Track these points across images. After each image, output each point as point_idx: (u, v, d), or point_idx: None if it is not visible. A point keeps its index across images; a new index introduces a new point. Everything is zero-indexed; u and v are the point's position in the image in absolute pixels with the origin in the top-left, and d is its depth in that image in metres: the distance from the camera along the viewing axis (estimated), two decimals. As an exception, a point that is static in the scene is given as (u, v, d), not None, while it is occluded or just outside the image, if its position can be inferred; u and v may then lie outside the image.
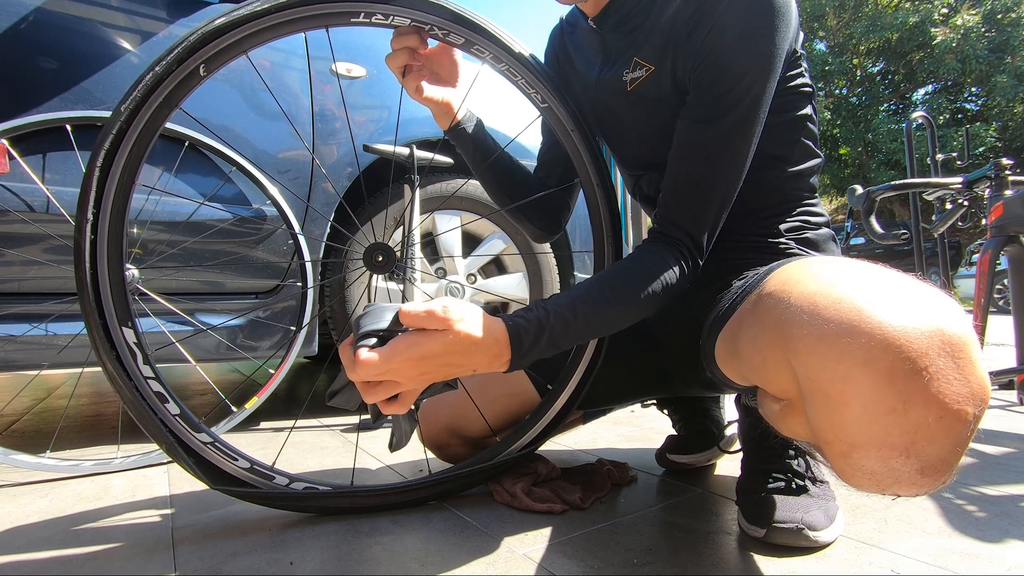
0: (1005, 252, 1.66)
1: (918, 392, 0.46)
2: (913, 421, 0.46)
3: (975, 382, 0.46)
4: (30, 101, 1.17)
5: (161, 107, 0.73)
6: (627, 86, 0.82)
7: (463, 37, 0.79)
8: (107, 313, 0.76)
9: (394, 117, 1.58)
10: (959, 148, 1.96)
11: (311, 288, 1.40)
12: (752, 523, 0.75)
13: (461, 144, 0.93)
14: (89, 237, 0.73)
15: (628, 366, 0.96)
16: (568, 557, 0.70)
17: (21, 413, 1.77)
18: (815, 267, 0.59)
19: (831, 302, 0.51)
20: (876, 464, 0.48)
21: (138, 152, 0.74)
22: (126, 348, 0.76)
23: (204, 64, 0.73)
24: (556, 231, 1.07)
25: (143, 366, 0.78)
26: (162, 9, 1.33)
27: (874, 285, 0.52)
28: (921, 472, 0.48)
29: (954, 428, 0.46)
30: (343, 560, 0.70)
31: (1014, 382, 1.77)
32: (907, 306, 0.48)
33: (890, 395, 0.46)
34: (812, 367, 0.51)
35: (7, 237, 1.13)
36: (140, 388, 0.77)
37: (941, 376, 0.46)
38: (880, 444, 0.47)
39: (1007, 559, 0.69)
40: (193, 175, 1.32)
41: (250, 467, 0.82)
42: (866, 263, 0.59)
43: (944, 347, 0.46)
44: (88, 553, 0.74)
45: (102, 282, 0.75)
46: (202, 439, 0.80)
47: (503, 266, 1.82)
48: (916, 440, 0.46)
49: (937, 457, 0.47)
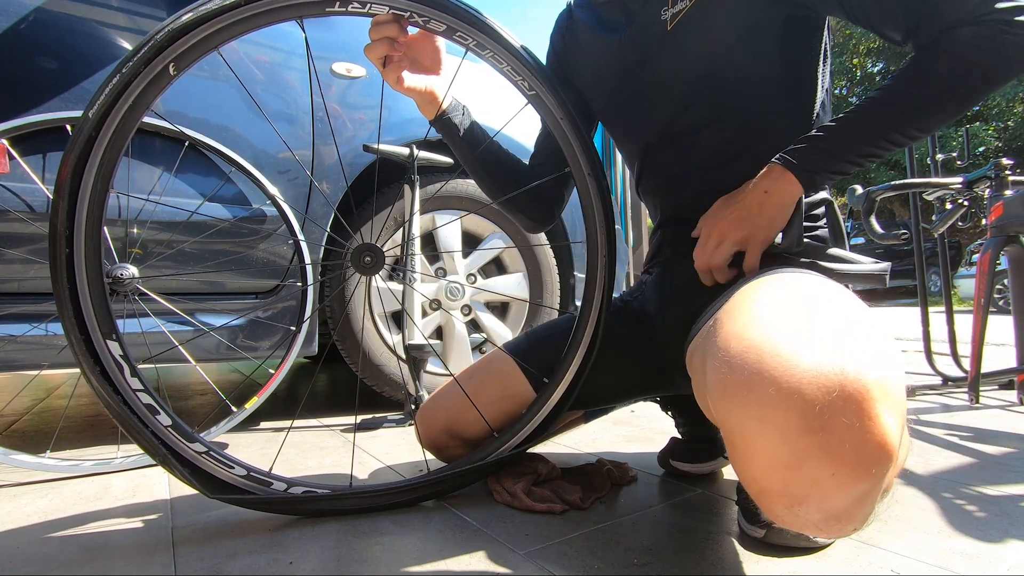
0: (1005, 252, 1.66)
1: (812, 449, 0.45)
2: (807, 476, 0.46)
3: (875, 439, 0.45)
4: (30, 101, 1.17)
5: (131, 110, 0.71)
6: (667, 24, 0.80)
7: (444, 24, 0.78)
8: (89, 328, 0.73)
9: (395, 117, 1.58)
10: (959, 148, 1.96)
11: (311, 285, 1.40)
12: (752, 523, 0.75)
13: (448, 134, 0.92)
14: (64, 251, 0.71)
15: (630, 362, 0.96)
16: (568, 557, 0.70)
17: (21, 413, 1.77)
18: (751, 295, 0.60)
19: (741, 349, 0.51)
20: (782, 511, 0.49)
21: (111, 158, 0.72)
22: (112, 362, 0.74)
23: (174, 63, 0.71)
24: (549, 222, 1.06)
25: (131, 379, 0.75)
26: (162, 9, 1.33)
27: (790, 328, 0.51)
28: (825, 521, 0.48)
29: (851, 485, 0.46)
30: (343, 560, 0.70)
31: (1014, 382, 1.77)
32: (814, 356, 0.47)
33: (783, 451, 0.46)
34: (720, 417, 0.52)
35: (7, 237, 1.13)
36: (129, 401, 0.75)
37: (836, 433, 0.45)
38: (781, 494, 0.48)
39: (1007, 559, 0.69)
40: (193, 175, 1.32)
41: (247, 474, 0.81)
42: (815, 286, 0.59)
43: (846, 401, 0.45)
44: (88, 553, 0.74)
45: (82, 296, 0.73)
46: (196, 449, 0.78)
47: (503, 266, 1.81)
48: (812, 493, 0.47)
49: (839, 509, 0.47)
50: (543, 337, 1.00)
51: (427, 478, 0.89)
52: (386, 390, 1.61)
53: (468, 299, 1.72)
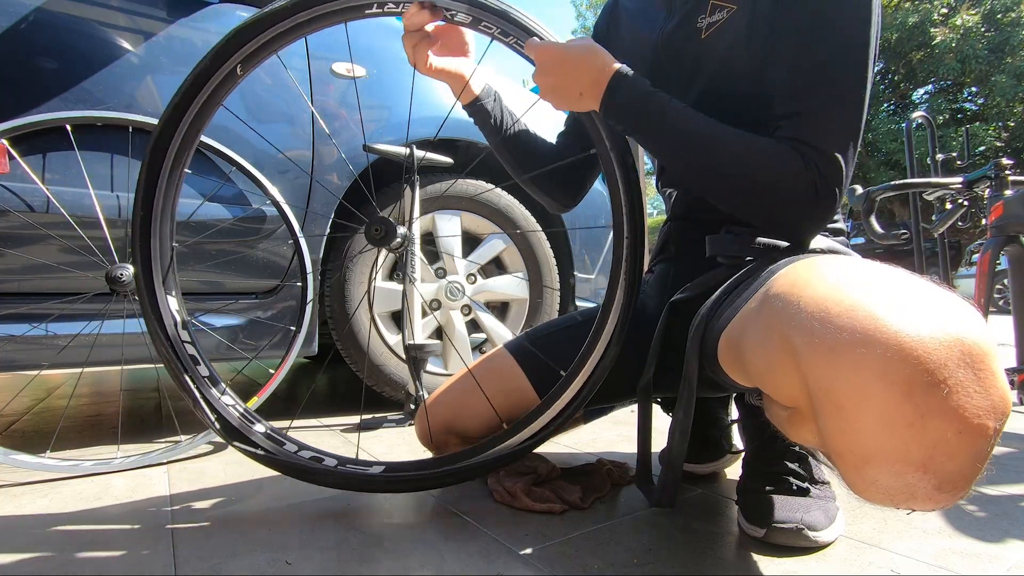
0: (1005, 252, 1.66)
1: (937, 405, 0.44)
2: (931, 436, 0.44)
3: (996, 395, 0.45)
4: (30, 101, 1.17)
5: (205, 105, 0.86)
6: (701, 33, 0.80)
7: (470, 16, 0.82)
8: (155, 282, 0.89)
9: (395, 117, 1.58)
10: (959, 148, 1.96)
11: (310, 281, 1.40)
12: (752, 523, 0.75)
13: (480, 118, 0.96)
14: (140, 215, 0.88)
15: (630, 362, 0.96)
16: (568, 557, 0.70)
17: (21, 413, 1.77)
18: (824, 268, 0.57)
19: (844, 309, 0.49)
20: (890, 479, 0.46)
21: (186, 147, 0.88)
22: (170, 314, 0.90)
23: (241, 64, 0.84)
24: (573, 203, 1.09)
25: (181, 331, 0.90)
26: (162, 9, 1.33)
27: (888, 290, 0.50)
28: (938, 488, 0.46)
29: (974, 443, 0.45)
30: (343, 560, 0.70)
31: (1014, 382, 1.77)
32: (925, 314, 0.46)
33: (908, 408, 0.44)
34: (824, 378, 0.49)
35: (7, 237, 1.13)
36: (178, 350, 0.90)
37: (961, 389, 0.44)
38: (896, 459, 0.45)
39: (1007, 559, 0.69)
40: (192, 175, 1.31)
41: (265, 432, 0.89)
42: (875, 263, 0.57)
43: (964, 358, 0.44)
44: (88, 553, 0.74)
45: (154, 254, 0.89)
46: (227, 401, 0.90)
47: (503, 266, 1.81)
48: (934, 455, 0.45)
49: (956, 472, 0.45)
50: (544, 335, 1.00)
51: (441, 460, 0.89)
52: (386, 390, 1.61)
53: (468, 299, 1.72)
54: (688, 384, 0.75)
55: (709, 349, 0.73)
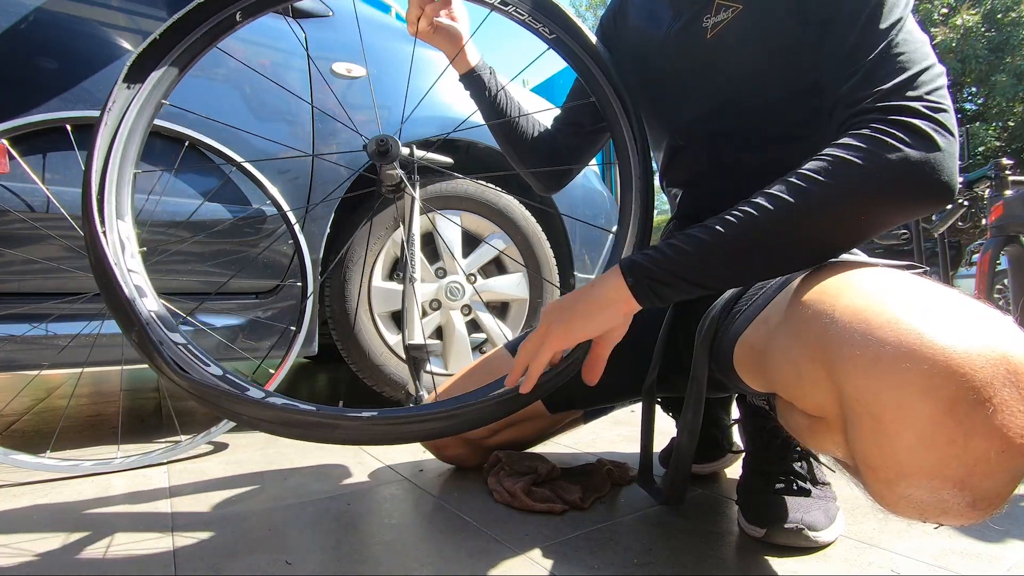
0: (1005, 252, 1.67)
1: (981, 423, 0.43)
2: (972, 454, 0.44)
3: None
4: (30, 101, 1.17)
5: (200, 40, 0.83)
6: (707, 32, 0.79)
7: None
8: (106, 208, 0.78)
9: (395, 117, 1.58)
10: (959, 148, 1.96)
11: (310, 282, 1.40)
12: (752, 523, 0.75)
13: (476, 90, 0.98)
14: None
15: (631, 362, 0.96)
16: (568, 557, 0.70)
17: (21, 413, 1.77)
18: (856, 277, 0.55)
19: (886, 321, 0.48)
20: (925, 494, 0.46)
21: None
22: (118, 241, 0.78)
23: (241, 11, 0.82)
24: (557, 187, 1.11)
25: (130, 259, 0.78)
26: (162, 9, 1.33)
27: (929, 303, 0.49)
28: (972, 505, 0.46)
29: (1015, 462, 0.44)
30: (343, 560, 0.70)
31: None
32: (970, 330, 0.46)
33: (951, 425, 0.44)
34: (864, 390, 0.48)
35: (7, 237, 1.13)
36: (120, 276, 0.75)
37: (1005, 407, 0.43)
38: (933, 475, 0.45)
39: (1007, 559, 0.69)
40: (192, 175, 1.31)
41: (222, 375, 0.77)
42: (904, 274, 0.56)
43: (1010, 376, 0.44)
44: (88, 553, 0.74)
45: (108, 184, 0.79)
46: (175, 339, 0.76)
47: (503, 266, 1.81)
48: (973, 473, 0.44)
49: (992, 490, 0.45)
50: None
51: (429, 407, 0.78)
52: (386, 390, 1.61)
53: (468, 299, 1.72)
54: (697, 386, 0.75)
55: (722, 353, 0.72)
